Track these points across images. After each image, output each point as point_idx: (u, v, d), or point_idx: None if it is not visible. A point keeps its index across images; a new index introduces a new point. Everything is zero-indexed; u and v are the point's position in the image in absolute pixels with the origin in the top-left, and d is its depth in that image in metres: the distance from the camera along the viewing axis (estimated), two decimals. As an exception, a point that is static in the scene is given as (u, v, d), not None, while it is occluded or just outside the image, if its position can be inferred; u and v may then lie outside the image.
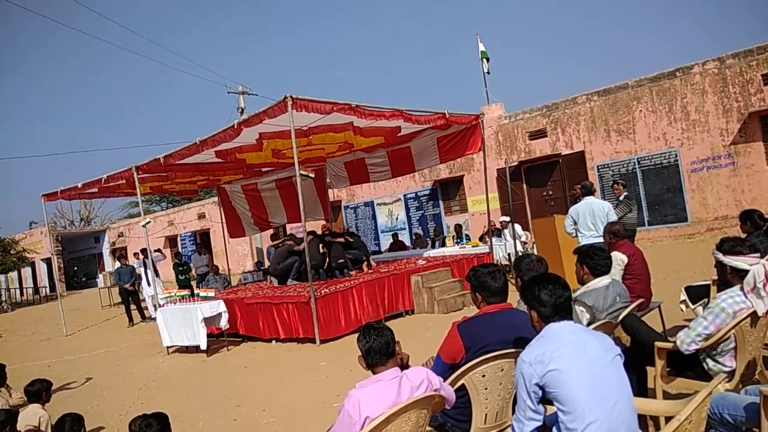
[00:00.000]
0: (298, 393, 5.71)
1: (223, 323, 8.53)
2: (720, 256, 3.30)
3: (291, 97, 7.32)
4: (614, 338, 3.61)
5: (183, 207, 27.00)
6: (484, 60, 17.23)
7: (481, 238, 12.63)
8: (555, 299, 2.34)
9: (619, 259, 4.83)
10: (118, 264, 13.73)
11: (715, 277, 4.44)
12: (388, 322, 8.47)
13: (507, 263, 10.93)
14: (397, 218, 19.25)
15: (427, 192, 18.30)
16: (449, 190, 17.97)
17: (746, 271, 3.12)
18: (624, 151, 13.85)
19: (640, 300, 4.20)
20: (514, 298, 3.14)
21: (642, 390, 3.41)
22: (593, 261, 3.77)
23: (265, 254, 14.39)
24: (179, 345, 8.85)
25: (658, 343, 3.37)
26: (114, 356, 9.63)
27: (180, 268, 14.03)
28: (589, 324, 3.50)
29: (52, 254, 23.73)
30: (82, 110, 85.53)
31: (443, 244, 13.51)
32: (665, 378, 3.40)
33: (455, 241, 13.47)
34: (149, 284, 12.59)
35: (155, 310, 10.51)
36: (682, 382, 3.37)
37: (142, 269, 13.05)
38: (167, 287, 12.53)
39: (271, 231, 16.83)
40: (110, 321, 14.35)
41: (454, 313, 8.64)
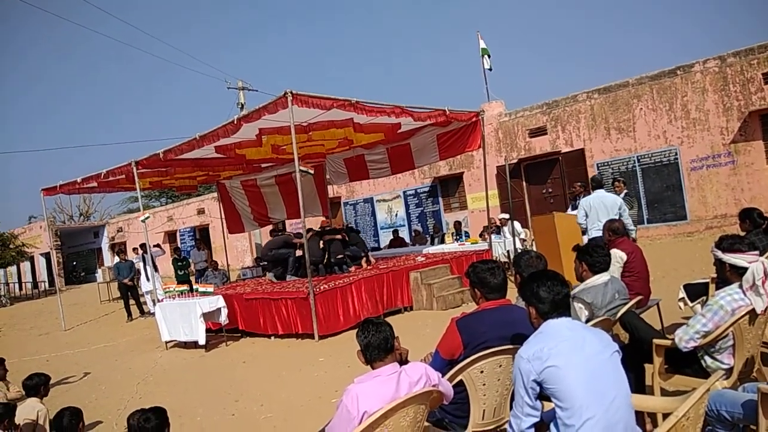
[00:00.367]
0: (297, 388, 5.72)
1: (222, 319, 8.54)
2: (719, 253, 3.30)
3: (291, 93, 7.31)
4: (613, 335, 3.62)
5: (182, 202, 26.97)
6: (485, 57, 17.20)
7: (481, 235, 12.63)
8: (553, 296, 2.34)
9: (618, 256, 4.83)
10: (117, 259, 13.73)
11: (713, 275, 4.44)
12: (387, 319, 8.49)
13: (506, 260, 10.93)
14: (396, 215, 19.25)
15: (427, 189, 18.29)
16: (449, 187, 17.96)
17: (745, 269, 3.12)
18: (624, 149, 13.85)
19: (639, 297, 4.20)
20: (513, 295, 3.14)
21: (640, 387, 3.42)
22: (592, 258, 3.78)
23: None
24: (178, 340, 8.86)
25: (656, 341, 3.37)
26: (113, 351, 9.64)
27: (179, 264, 14.04)
28: (587, 321, 3.51)
29: (51, 249, 23.66)
30: (81, 106, 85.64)
31: (442, 241, 13.51)
32: (663, 375, 3.40)
33: (454, 238, 13.47)
34: (148, 279, 12.60)
35: (154, 305, 10.53)
36: (680, 379, 3.38)
37: (141, 264, 13.04)
38: (166, 282, 12.52)
39: (270, 227, 16.84)
40: (109, 316, 14.35)
41: (452, 309, 8.64)
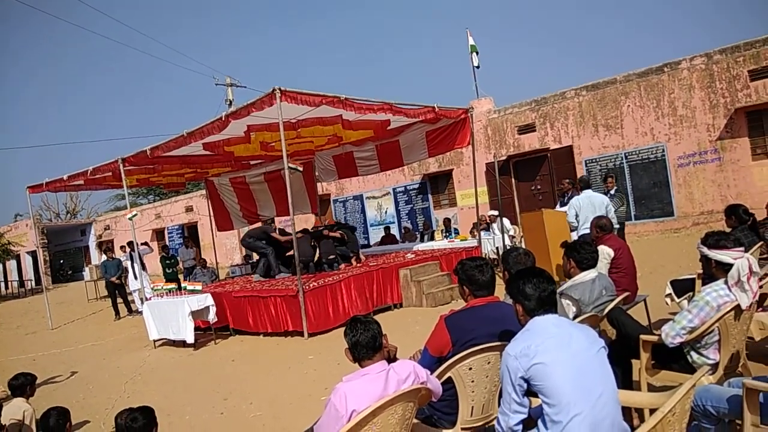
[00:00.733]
0: (286, 386, 5.71)
1: (211, 317, 8.49)
2: (705, 250, 3.32)
3: (279, 89, 7.27)
4: (600, 331, 3.64)
5: (170, 200, 26.79)
6: (474, 54, 17.22)
7: (471, 232, 12.66)
8: (539, 293, 2.34)
9: (605, 252, 4.86)
10: (104, 257, 13.61)
11: (700, 271, 4.48)
12: (377, 316, 8.50)
13: (495, 257, 10.97)
14: (386, 212, 19.24)
15: (417, 186, 18.30)
16: (438, 183, 17.98)
17: (730, 265, 3.14)
18: (612, 145, 13.93)
19: (626, 293, 4.23)
20: (501, 292, 3.14)
21: (627, 382, 3.44)
22: (580, 255, 3.80)
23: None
24: (166, 339, 8.80)
25: (643, 336, 3.39)
26: (100, 350, 9.56)
27: (167, 262, 13.95)
28: (575, 317, 3.53)
29: (37, 247, 23.45)
30: (69, 104, 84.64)
31: (432, 238, 13.53)
32: (650, 371, 3.43)
33: (444, 234, 13.49)
34: (136, 277, 12.50)
35: (142, 303, 10.45)
36: (666, 374, 3.40)
37: (129, 262, 12.94)
38: (154, 280, 12.44)
39: (260, 224, 16.77)
40: (96, 314, 14.23)
41: (442, 306, 8.66)
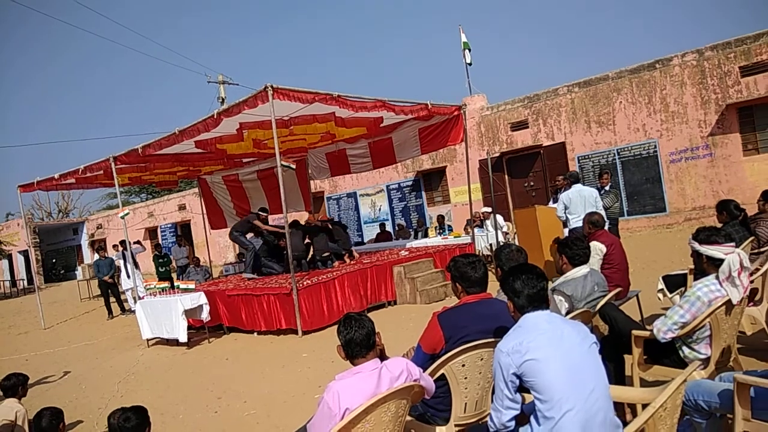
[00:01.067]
0: (280, 385, 5.70)
1: (204, 315, 8.46)
2: (696, 245, 3.34)
3: (271, 87, 7.24)
4: (592, 327, 3.65)
5: (163, 198, 26.65)
6: (467, 51, 17.22)
7: (465, 229, 12.69)
8: (529, 290, 2.35)
9: (598, 248, 4.89)
10: (96, 256, 13.54)
11: (692, 267, 4.50)
12: (371, 313, 8.50)
13: (489, 254, 11.00)
14: (380, 209, 19.23)
15: (410, 183, 18.30)
16: (432, 181, 17.99)
17: (722, 260, 3.15)
18: (604, 142, 13.97)
19: (618, 289, 4.24)
20: (494, 288, 3.15)
21: (620, 378, 3.46)
22: (572, 251, 3.81)
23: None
24: (160, 338, 8.77)
25: (635, 332, 3.41)
26: (93, 349, 9.52)
27: (160, 260, 13.89)
28: (567, 313, 3.54)
29: (29, 246, 23.24)
30: (64, 104, 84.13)
31: (426, 235, 13.56)
32: (642, 366, 3.44)
33: (438, 231, 13.51)
34: (128, 276, 12.44)
35: (135, 302, 10.41)
36: (659, 369, 3.42)
37: (122, 261, 12.88)
38: (147, 279, 12.39)
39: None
40: (89, 314, 14.16)
41: (436, 303, 8.67)
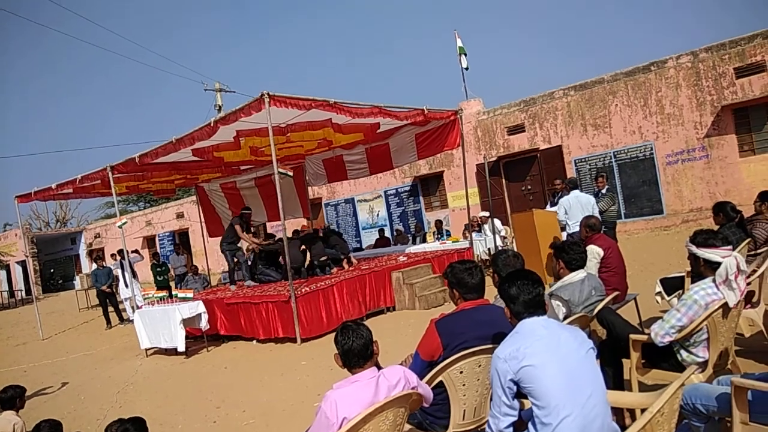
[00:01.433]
0: (279, 393, 5.68)
1: (203, 324, 8.44)
2: (693, 248, 3.34)
3: (268, 94, 7.25)
4: (590, 332, 3.65)
5: (161, 206, 26.65)
6: (462, 55, 17.28)
7: (463, 233, 12.68)
8: (525, 295, 2.35)
9: (595, 252, 4.89)
10: (94, 265, 13.51)
11: (689, 269, 4.50)
12: (370, 320, 8.51)
13: (487, 258, 10.99)
14: (378, 215, 19.24)
15: (408, 188, 18.32)
16: (429, 186, 18.00)
17: (719, 264, 3.15)
18: (600, 144, 14.01)
19: (616, 293, 4.25)
20: (491, 294, 3.15)
21: (618, 382, 3.46)
22: (569, 255, 3.81)
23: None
24: (158, 347, 8.74)
25: (632, 336, 3.41)
26: (92, 359, 9.49)
27: (158, 269, 13.86)
28: (565, 318, 3.54)
29: (27, 256, 23.17)
30: (61, 114, 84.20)
31: (424, 240, 13.54)
32: (641, 370, 3.44)
33: (436, 236, 13.50)
34: (127, 286, 12.42)
35: (133, 312, 10.38)
36: (657, 373, 3.41)
37: (120, 270, 12.85)
38: (145, 288, 12.36)
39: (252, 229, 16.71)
40: (88, 324, 14.12)
41: (435, 308, 8.66)
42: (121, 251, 12.43)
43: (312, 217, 15.80)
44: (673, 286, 5.21)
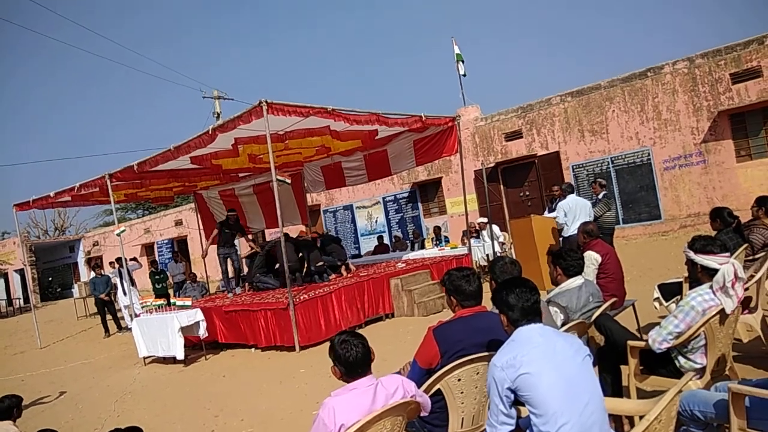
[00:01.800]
0: (278, 401, 5.66)
1: (201, 332, 8.42)
2: (691, 254, 3.34)
3: (266, 102, 7.27)
4: (588, 338, 3.65)
5: (159, 214, 26.63)
6: (460, 62, 17.35)
7: (462, 240, 12.68)
8: (522, 303, 2.35)
9: (593, 258, 4.90)
10: (93, 274, 13.49)
11: (687, 274, 4.51)
12: (368, 326, 8.50)
13: (486, 264, 10.99)
14: (376, 221, 19.24)
15: (406, 194, 18.33)
16: (428, 192, 18.03)
17: (716, 270, 3.16)
18: (598, 150, 14.05)
19: (613, 299, 4.24)
20: (490, 301, 3.15)
21: (617, 389, 3.45)
22: (566, 262, 3.82)
23: (244, 264, 14.30)
24: (156, 355, 8.72)
25: (630, 342, 3.40)
26: (90, 368, 9.46)
27: (156, 277, 13.84)
28: (563, 324, 3.54)
29: (25, 265, 23.21)
30: (60, 121, 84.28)
31: (422, 247, 13.53)
32: (639, 376, 3.44)
33: (434, 243, 13.49)
34: (125, 294, 12.40)
35: (131, 320, 10.36)
36: (655, 380, 3.41)
37: (118, 279, 12.84)
38: (144, 296, 12.34)
39: (250, 236, 16.68)
40: (86, 332, 14.09)
41: (434, 315, 8.65)
42: (119, 259, 12.42)
43: (311, 224, 15.78)
44: (671, 291, 5.21)
